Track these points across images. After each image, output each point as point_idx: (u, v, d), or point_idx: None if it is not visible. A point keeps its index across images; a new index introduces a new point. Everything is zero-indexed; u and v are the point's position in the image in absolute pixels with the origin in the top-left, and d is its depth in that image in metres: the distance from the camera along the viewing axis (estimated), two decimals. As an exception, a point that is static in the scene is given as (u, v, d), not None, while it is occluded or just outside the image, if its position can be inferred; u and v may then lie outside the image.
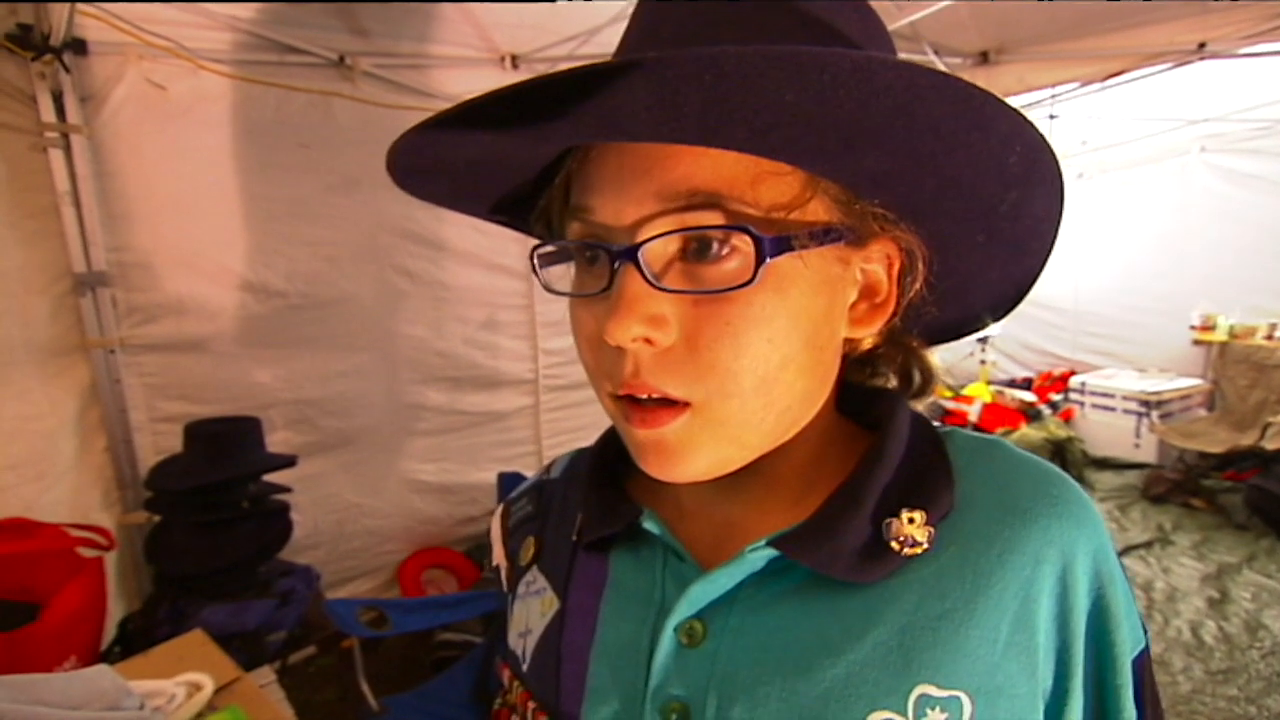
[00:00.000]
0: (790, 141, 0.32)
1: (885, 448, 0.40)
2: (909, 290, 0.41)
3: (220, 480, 2.06)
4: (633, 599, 0.43)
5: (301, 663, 2.30)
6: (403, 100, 2.52)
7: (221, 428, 2.15)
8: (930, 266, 0.40)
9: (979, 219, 0.38)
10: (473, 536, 2.99)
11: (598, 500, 0.46)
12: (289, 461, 2.24)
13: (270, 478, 2.25)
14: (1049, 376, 5.34)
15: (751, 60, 0.27)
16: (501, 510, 0.56)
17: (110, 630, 1.91)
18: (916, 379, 0.46)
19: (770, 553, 0.38)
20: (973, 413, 4.76)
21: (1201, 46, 2.30)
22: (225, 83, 2.19)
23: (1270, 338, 4.11)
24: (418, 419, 2.81)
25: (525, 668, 0.47)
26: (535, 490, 0.55)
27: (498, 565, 0.55)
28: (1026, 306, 0.47)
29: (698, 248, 0.35)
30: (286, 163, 2.36)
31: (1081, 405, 4.62)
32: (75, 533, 1.74)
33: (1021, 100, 3.17)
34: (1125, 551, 3.21)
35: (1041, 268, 0.42)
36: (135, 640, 1.92)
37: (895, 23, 2.20)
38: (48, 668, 1.47)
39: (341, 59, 2.37)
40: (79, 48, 1.95)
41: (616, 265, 0.35)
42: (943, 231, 0.39)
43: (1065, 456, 4.17)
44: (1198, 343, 4.47)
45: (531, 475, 0.58)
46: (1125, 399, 4.33)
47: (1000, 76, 2.79)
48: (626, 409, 0.37)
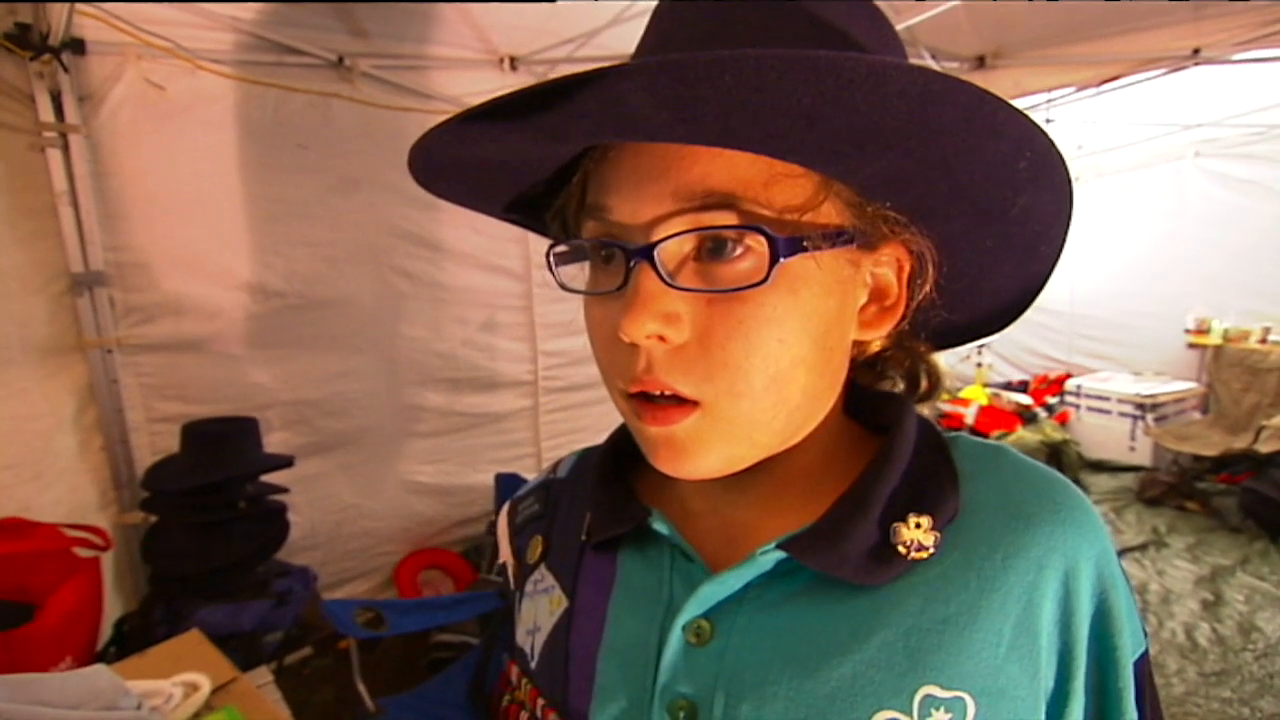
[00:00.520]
0: (805, 144, 0.32)
1: (893, 453, 0.41)
2: (918, 293, 0.41)
3: (217, 481, 2.05)
4: (641, 598, 0.43)
5: (298, 663, 2.29)
6: (402, 101, 2.53)
7: (219, 428, 2.15)
8: (939, 270, 0.41)
9: (988, 223, 0.38)
10: (470, 538, 2.99)
11: (606, 501, 0.47)
12: (286, 462, 2.24)
13: (268, 478, 2.24)
14: (1045, 379, 5.35)
15: (769, 63, 0.27)
16: (508, 508, 0.57)
17: (106, 631, 1.91)
18: (924, 382, 0.47)
19: (779, 555, 0.38)
20: (969, 415, 4.77)
21: (1196, 52, 2.32)
22: (224, 83, 2.19)
23: (1264, 341, 4.13)
24: (416, 420, 2.81)
25: (534, 665, 0.47)
26: (542, 489, 0.55)
27: (504, 562, 0.55)
28: (1023, 309, 0.47)
29: (712, 247, 0.35)
30: (285, 163, 2.36)
31: (1077, 408, 4.64)
32: (71, 533, 1.73)
33: (1018, 105, 3.19)
34: (1120, 554, 3.18)
35: (1050, 272, 0.43)
36: (131, 641, 1.92)
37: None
38: (43, 668, 1.47)
39: (340, 60, 2.38)
40: (77, 47, 1.95)
41: (632, 264, 0.36)
42: (952, 235, 0.39)
43: (1061, 459, 4.18)
44: (1192, 346, 4.49)
45: (531, 477, 0.59)
46: (1120, 402, 4.34)
47: (997, 81, 2.81)
48: (638, 406, 0.38)
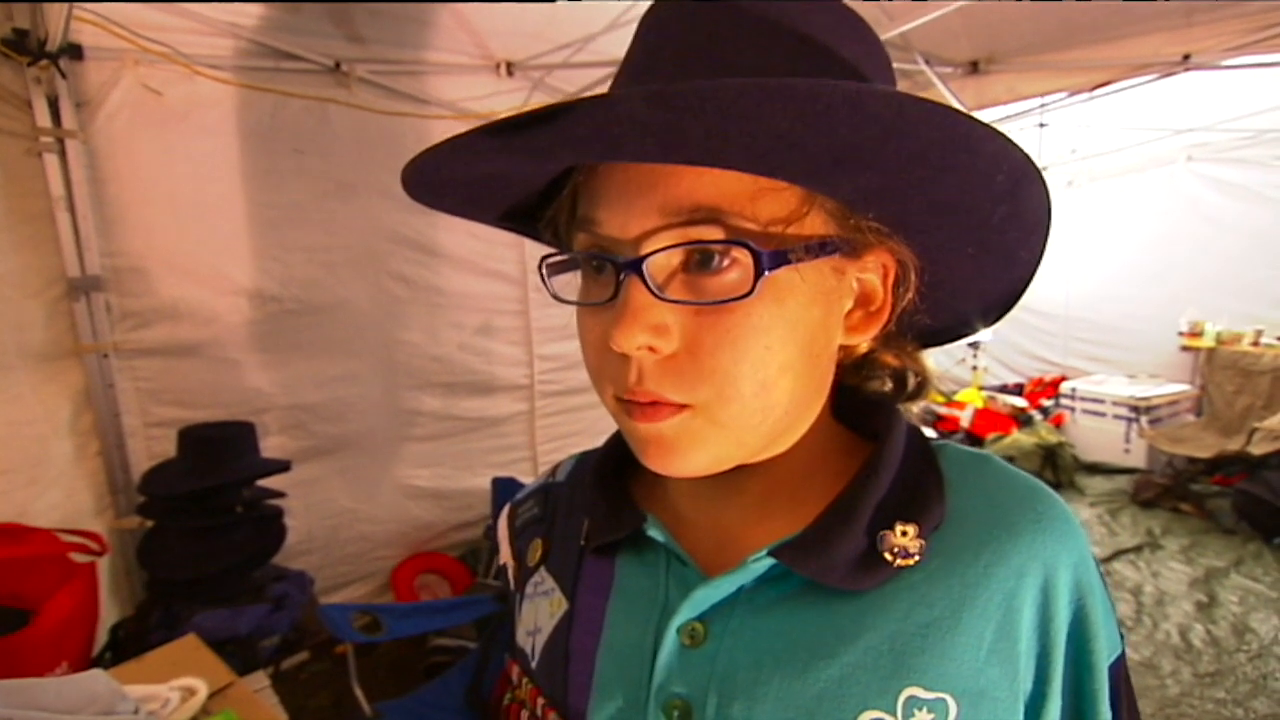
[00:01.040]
0: (787, 163, 0.33)
1: (881, 462, 0.42)
2: (903, 299, 0.42)
3: (214, 485, 2.05)
4: (638, 601, 0.44)
5: (295, 668, 2.29)
6: (398, 106, 2.54)
7: (215, 433, 2.15)
8: (922, 276, 0.42)
9: (969, 233, 0.40)
10: (467, 542, 2.99)
11: (603, 507, 0.48)
12: (283, 466, 2.24)
13: (264, 483, 2.24)
14: (1040, 382, 5.38)
15: (750, 93, 0.29)
16: (508, 511, 0.58)
17: (102, 636, 1.91)
18: (911, 382, 0.47)
19: (770, 561, 0.39)
20: (965, 418, 4.79)
21: (1186, 58, 2.34)
22: (221, 88, 2.20)
23: (1256, 344, 4.15)
24: (413, 424, 2.81)
25: (534, 665, 0.48)
26: (542, 493, 0.56)
27: (504, 564, 0.57)
28: (1018, 312, 0.48)
29: (699, 260, 0.36)
30: (282, 168, 2.37)
31: (1072, 410, 4.66)
32: (67, 538, 1.73)
33: (1011, 109, 3.21)
34: (1115, 556, 3.24)
35: (1031, 275, 0.44)
36: (127, 646, 1.91)
37: (886, 33, 2.23)
38: (39, 674, 1.47)
39: (337, 65, 2.38)
40: (75, 53, 1.95)
41: (622, 276, 0.37)
42: (935, 244, 0.40)
43: (1056, 461, 4.20)
44: (1185, 349, 4.52)
45: (527, 481, 0.60)
46: (1115, 404, 4.37)
47: (990, 86, 2.83)
48: (629, 405, 0.39)
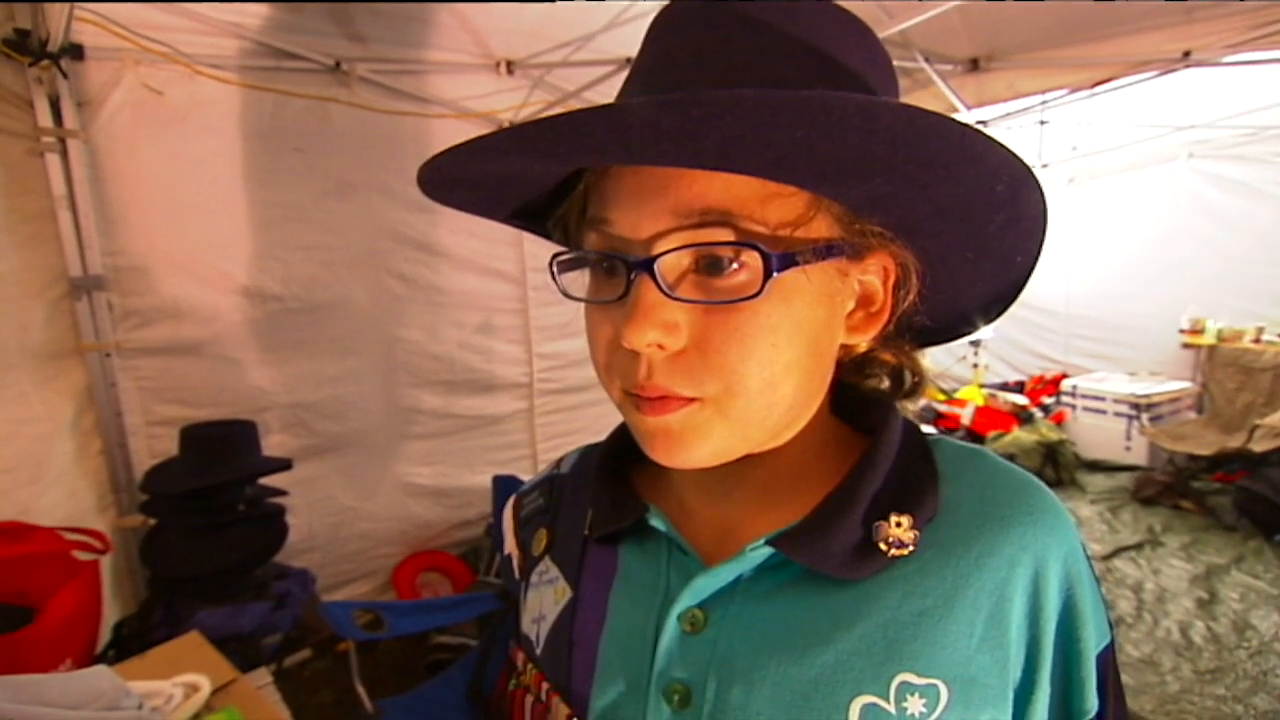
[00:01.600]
0: (798, 169, 0.34)
1: (878, 455, 0.43)
2: (903, 301, 0.43)
3: (216, 484, 2.06)
4: (640, 589, 0.45)
5: (297, 665, 2.30)
6: (399, 105, 2.54)
7: (217, 431, 2.15)
8: (923, 279, 0.43)
9: (969, 238, 0.41)
10: (468, 540, 2.99)
11: (607, 497, 0.49)
12: (284, 465, 2.24)
13: (266, 481, 2.25)
14: (1041, 380, 5.37)
15: (767, 103, 0.30)
16: (513, 502, 0.60)
17: (105, 633, 1.91)
18: (908, 380, 0.49)
19: (768, 550, 0.41)
20: (965, 416, 4.79)
21: (1187, 55, 2.34)
22: (222, 88, 2.20)
23: (1257, 341, 4.15)
24: (413, 423, 2.82)
25: (539, 651, 0.50)
26: (546, 484, 0.58)
27: (509, 554, 0.58)
28: (1019, 309, 0.49)
29: (710, 262, 0.37)
30: (283, 168, 2.37)
31: (1073, 408, 4.66)
32: (70, 536, 1.73)
33: (1012, 106, 3.21)
34: (1116, 553, 3.24)
35: (1027, 277, 0.45)
36: (131, 643, 1.92)
37: (885, 30, 2.23)
38: (43, 671, 1.46)
39: (338, 64, 2.39)
40: (76, 53, 1.96)
41: (633, 275, 0.38)
42: (936, 248, 0.42)
43: (1057, 459, 4.19)
44: (1187, 346, 4.51)
45: (530, 478, 0.61)
46: (1116, 402, 4.36)
47: (990, 83, 2.83)
48: (636, 399, 0.40)
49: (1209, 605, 2.76)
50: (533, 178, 0.41)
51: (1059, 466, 4.18)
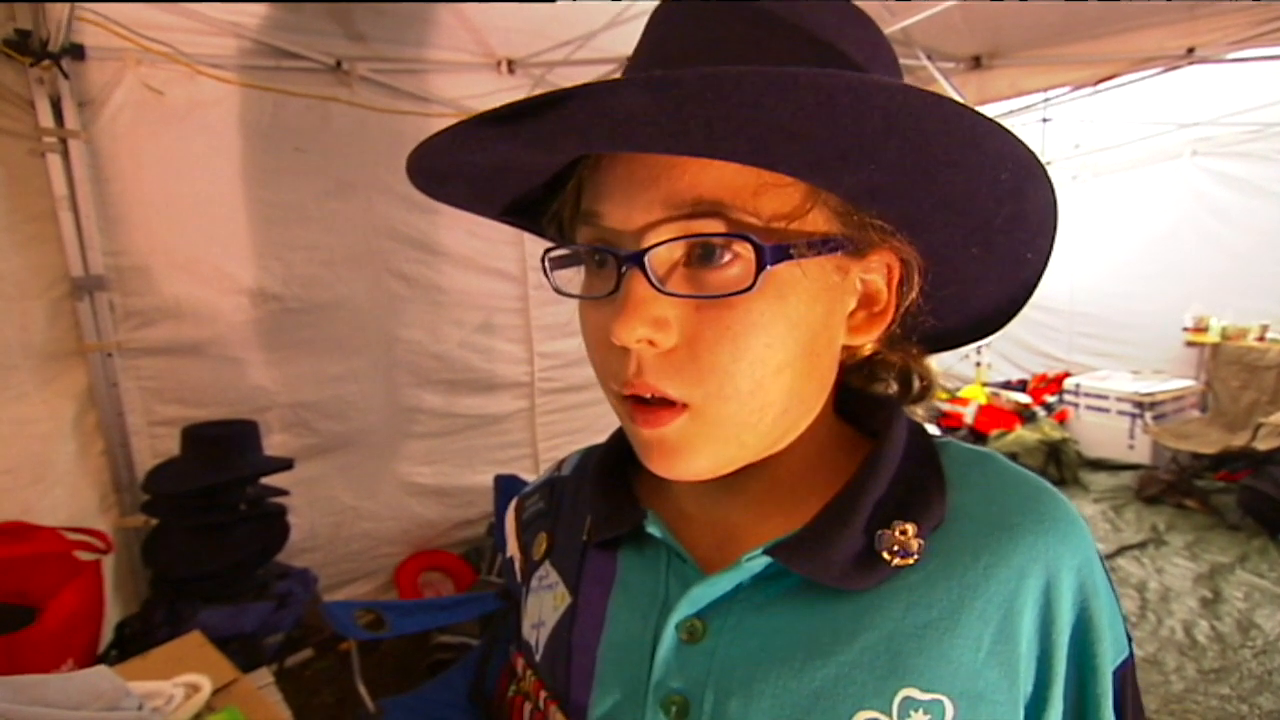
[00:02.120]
0: (790, 156, 0.33)
1: (881, 460, 0.42)
2: (906, 299, 0.42)
3: (217, 483, 2.06)
4: (638, 596, 0.44)
5: (299, 665, 2.30)
6: (399, 105, 2.54)
7: (219, 431, 2.15)
8: (926, 277, 0.42)
9: (975, 232, 0.39)
10: (469, 539, 2.99)
11: (604, 503, 0.48)
12: (286, 464, 2.24)
13: (267, 481, 2.25)
14: (1044, 378, 5.36)
15: (751, 80, 0.28)
16: (515, 504, 0.59)
17: (108, 633, 1.91)
18: (915, 385, 0.47)
19: (766, 560, 0.39)
20: (968, 414, 4.77)
21: (1190, 51, 2.33)
22: (222, 88, 2.20)
23: (1261, 339, 4.13)
24: (414, 422, 2.82)
25: (538, 658, 0.49)
26: (547, 487, 0.57)
27: (511, 556, 0.57)
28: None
29: (701, 254, 0.36)
30: (283, 167, 2.37)
31: (1076, 407, 4.64)
32: (72, 536, 1.74)
33: (1014, 104, 3.20)
34: (1119, 552, 3.23)
35: (1038, 278, 0.43)
36: (133, 643, 1.92)
37: (888, 28, 2.22)
38: (45, 671, 1.47)
39: (338, 64, 2.39)
40: (77, 53, 1.96)
41: (623, 269, 0.36)
42: (940, 243, 0.40)
43: (1060, 458, 4.18)
44: (1190, 344, 4.49)
45: (529, 478, 0.60)
46: (1119, 400, 4.35)
47: (993, 81, 2.82)
48: (631, 409, 0.39)
49: (1213, 604, 2.75)
50: (521, 170, 0.40)
51: (1062, 465, 4.17)
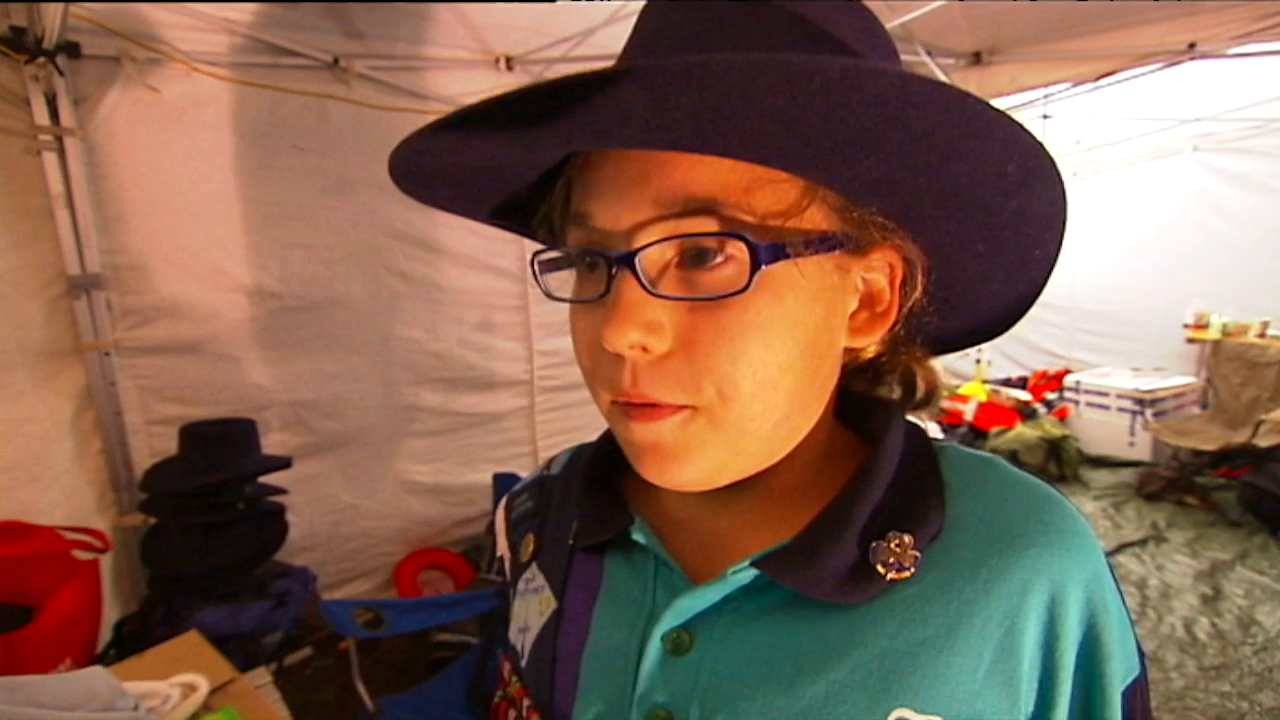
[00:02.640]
0: (782, 149, 0.31)
1: (876, 467, 0.40)
2: (909, 298, 0.40)
3: (216, 482, 2.05)
4: (625, 604, 0.43)
5: (298, 664, 2.30)
6: (397, 102, 2.53)
7: (217, 430, 2.15)
8: (929, 275, 0.40)
9: (980, 227, 0.38)
10: (469, 537, 2.99)
11: (591, 507, 0.47)
12: (284, 463, 2.24)
13: (266, 479, 2.24)
14: (1044, 375, 5.35)
15: (739, 68, 0.27)
16: (505, 503, 0.57)
17: (106, 632, 1.91)
18: (920, 389, 0.45)
19: (753, 572, 0.38)
20: (968, 412, 4.77)
21: (1191, 47, 2.32)
22: (219, 85, 2.19)
23: (1262, 335, 4.12)
24: (413, 420, 2.81)
25: (524, 664, 0.48)
26: (536, 486, 0.55)
27: (501, 556, 0.56)
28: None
29: (694, 255, 0.35)
30: (281, 165, 2.36)
31: (1076, 403, 4.64)
32: (70, 535, 1.73)
33: (1014, 100, 3.18)
34: (1119, 549, 3.23)
35: (1046, 277, 0.41)
36: (131, 643, 1.92)
37: (887, 23, 2.20)
38: (42, 670, 1.47)
39: (336, 61, 2.37)
40: (73, 50, 1.94)
41: (614, 271, 0.35)
42: (944, 240, 0.38)
43: (1060, 455, 4.18)
44: (1191, 341, 4.49)
45: (527, 475, 0.59)
46: (1119, 397, 4.34)
47: (993, 77, 2.81)
48: (625, 407, 0.37)
49: (1213, 601, 2.75)
50: (507, 170, 0.39)
51: (1062, 462, 4.17)
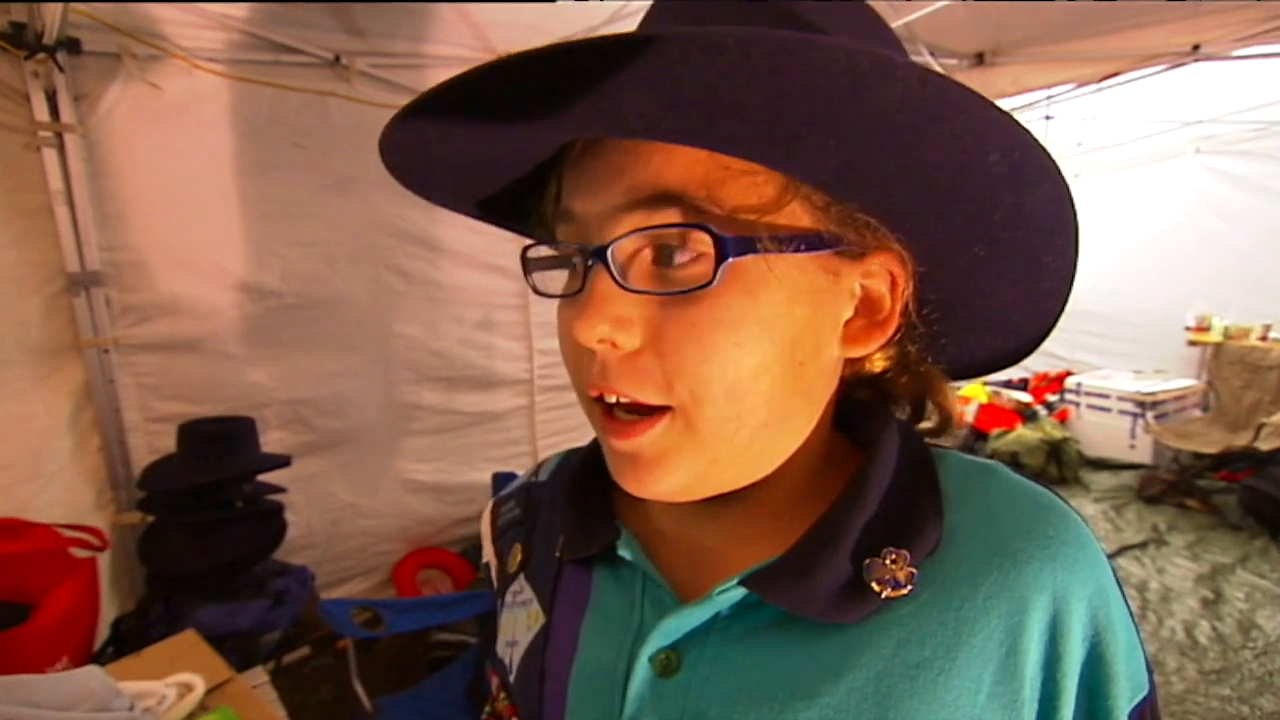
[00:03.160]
0: (734, 133, 0.30)
1: (870, 477, 0.38)
2: (905, 305, 0.39)
3: (214, 480, 2.05)
4: (613, 621, 0.41)
5: (296, 663, 2.29)
6: (398, 100, 2.50)
7: (216, 428, 2.14)
8: (918, 278, 0.38)
9: (972, 228, 0.36)
10: (468, 537, 2.98)
11: (577, 520, 0.45)
12: (283, 461, 2.23)
13: (265, 478, 2.24)
14: (1045, 377, 5.35)
15: (680, 43, 0.26)
16: (491, 508, 0.56)
17: (103, 631, 1.91)
18: (932, 414, 0.44)
19: (741, 591, 0.36)
20: (969, 413, 4.76)
21: (1195, 48, 2.31)
22: (220, 82, 2.18)
23: (1264, 339, 4.11)
24: (413, 419, 2.81)
25: (512, 679, 0.47)
26: (523, 493, 0.54)
27: (487, 562, 0.55)
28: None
29: (667, 251, 0.34)
30: (281, 162, 2.35)
31: (1077, 406, 4.63)
32: (68, 533, 1.73)
33: (1017, 101, 3.18)
34: (1120, 552, 3.22)
35: (1065, 291, 0.39)
36: (128, 641, 1.92)
37: (890, 24, 2.21)
38: (39, 669, 1.47)
39: (337, 58, 2.37)
40: (73, 46, 1.94)
41: (590, 264, 0.35)
42: (938, 242, 0.37)
43: (1061, 457, 4.17)
44: (1193, 343, 4.48)
45: (523, 474, 0.58)
46: (1121, 399, 4.34)
47: (996, 78, 2.80)
48: (604, 420, 0.37)
49: (1214, 605, 2.74)
50: (494, 161, 0.38)
51: (1063, 465, 4.16)
